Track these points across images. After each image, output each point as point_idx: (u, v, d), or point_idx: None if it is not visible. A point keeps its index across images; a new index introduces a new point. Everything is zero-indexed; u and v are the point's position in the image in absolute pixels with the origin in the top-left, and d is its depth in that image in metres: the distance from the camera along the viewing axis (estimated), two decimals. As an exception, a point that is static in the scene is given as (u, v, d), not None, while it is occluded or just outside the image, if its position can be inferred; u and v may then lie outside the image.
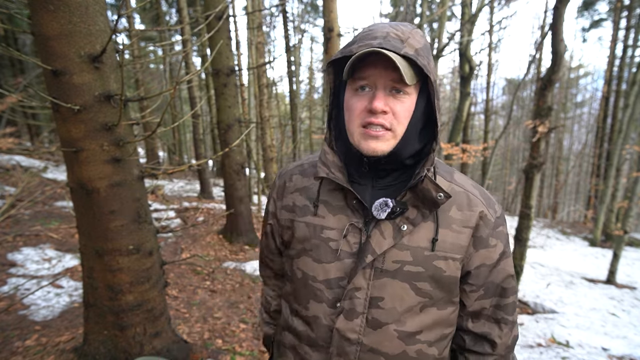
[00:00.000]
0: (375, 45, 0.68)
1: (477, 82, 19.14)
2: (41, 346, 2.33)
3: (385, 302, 0.76)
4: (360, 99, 0.72)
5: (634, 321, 5.00)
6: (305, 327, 0.83)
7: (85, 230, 1.91)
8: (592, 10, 17.11)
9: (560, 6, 4.30)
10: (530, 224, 5.06)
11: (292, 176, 0.91)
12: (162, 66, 11.35)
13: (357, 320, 0.76)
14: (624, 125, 9.02)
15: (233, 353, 2.61)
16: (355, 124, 0.73)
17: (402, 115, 0.72)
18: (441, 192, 0.71)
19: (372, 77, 0.71)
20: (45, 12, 1.52)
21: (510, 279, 0.82)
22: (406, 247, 0.75)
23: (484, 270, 0.79)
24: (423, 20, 8.16)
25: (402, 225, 0.75)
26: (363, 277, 0.76)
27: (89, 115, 1.67)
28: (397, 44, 0.69)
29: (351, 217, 0.79)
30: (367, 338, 0.76)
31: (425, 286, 0.76)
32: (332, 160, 0.79)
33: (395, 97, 0.71)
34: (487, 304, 0.82)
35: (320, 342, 0.80)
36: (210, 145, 16.64)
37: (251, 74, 9.45)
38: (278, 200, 0.93)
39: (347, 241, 0.78)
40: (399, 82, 0.69)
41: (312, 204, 0.84)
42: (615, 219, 11.03)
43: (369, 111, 0.71)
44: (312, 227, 0.82)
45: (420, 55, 0.70)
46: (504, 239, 0.81)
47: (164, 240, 4.99)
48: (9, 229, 4.18)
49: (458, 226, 0.77)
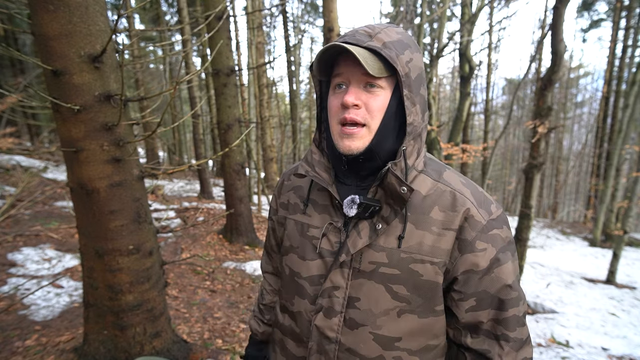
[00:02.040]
0: (339, 41, 0.69)
1: (477, 82, 19.13)
2: (41, 346, 2.33)
3: (361, 302, 0.75)
4: (337, 96, 0.74)
5: (634, 321, 5.00)
6: (291, 322, 0.85)
7: (85, 230, 1.91)
8: (592, 11, 17.12)
9: (560, 6, 4.31)
10: (530, 224, 5.06)
11: (290, 175, 0.94)
12: (162, 66, 11.35)
13: (335, 319, 0.77)
14: (623, 125, 9.02)
15: (233, 353, 2.61)
16: (334, 122, 0.74)
17: (375, 109, 0.71)
18: (404, 186, 0.68)
19: (345, 74, 0.72)
20: (45, 12, 1.52)
21: (507, 289, 0.73)
22: (382, 249, 0.74)
23: (472, 277, 0.73)
24: (423, 20, 8.16)
25: (378, 224, 0.74)
26: (342, 276, 0.76)
27: (89, 115, 1.67)
28: (363, 38, 0.70)
29: (333, 217, 0.80)
30: (344, 337, 0.77)
31: (402, 290, 0.73)
32: (318, 160, 0.81)
33: (368, 92, 0.71)
34: (483, 317, 0.74)
35: (303, 337, 0.82)
36: (210, 145, 16.65)
37: (251, 74, 9.45)
38: (278, 198, 0.97)
39: (329, 240, 0.79)
40: (369, 77, 0.69)
41: (302, 203, 0.86)
42: (615, 219, 11.04)
43: (342, 106, 0.72)
44: (300, 224, 0.85)
45: (387, 48, 0.69)
46: (498, 243, 0.73)
47: (164, 240, 4.99)
48: (9, 229, 4.18)
49: (438, 228, 0.73)
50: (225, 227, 5.48)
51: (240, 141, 5.00)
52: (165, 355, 2.16)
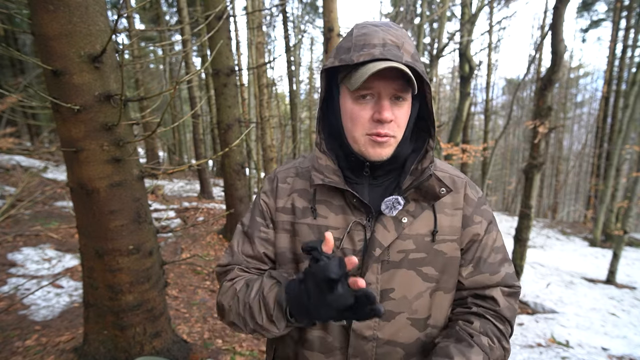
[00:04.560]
0: (377, 55, 0.69)
1: (477, 82, 19.14)
2: (41, 346, 2.33)
3: (396, 292, 0.78)
4: (364, 107, 0.74)
5: (634, 321, 5.00)
6: (320, 333, 0.82)
7: (85, 230, 1.91)
8: (591, 11, 17.13)
9: (560, 6, 4.31)
10: (530, 224, 5.06)
11: (286, 178, 0.89)
12: (162, 66, 11.35)
13: None
14: (623, 125, 9.02)
15: (233, 353, 2.61)
16: (360, 132, 0.75)
17: (404, 122, 0.76)
18: (444, 187, 0.77)
19: (376, 87, 0.72)
20: (45, 12, 1.52)
21: (496, 250, 0.85)
22: (408, 236, 0.79)
23: (473, 247, 0.84)
24: (423, 20, 8.16)
25: (402, 217, 0.79)
26: (372, 272, 0.78)
27: (89, 115, 1.67)
28: (396, 51, 0.70)
29: (353, 215, 0.80)
30: (382, 332, 0.78)
31: (430, 270, 0.79)
32: (325, 164, 0.81)
33: (397, 105, 0.74)
34: (482, 280, 0.84)
35: (336, 344, 0.80)
36: (210, 145, 16.64)
37: (251, 74, 9.44)
38: (275, 203, 0.88)
39: (351, 239, 0.79)
40: (401, 91, 0.72)
41: (311, 207, 0.84)
42: (615, 219, 11.03)
43: (376, 121, 0.73)
44: (316, 227, 0.82)
45: (417, 61, 0.72)
46: (488, 216, 0.86)
47: (164, 240, 4.99)
48: (9, 229, 4.18)
49: (450, 209, 0.82)
50: (225, 227, 5.48)
51: (240, 141, 5.00)
52: (165, 355, 2.16)
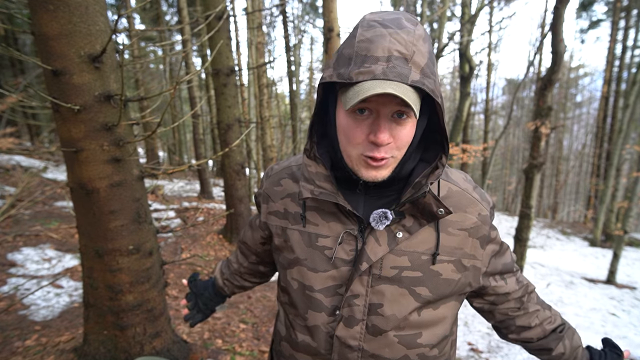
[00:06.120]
0: (378, 74, 0.60)
1: (477, 82, 19.15)
2: (41, 346, 2.33)
3: (384, 309, 0.75)
4: (360, 124, 0.65)
5: (634, 321, 5.00)
6: (305, 337, 0.82)
7: (85, 230, 1.91)
8: (590, 11, 17.14)
9: (560, 6, 4.31)
10: (530, 224, 5.07)
11: (280, 180, 0.87)
12: (162, 66, 11.35)
13: (357, 327, 0.76)
14: (624, 125, 9.02)
15: (233, 353, 2.61)
16: (354, 151, 0.68)
17: (404, 140, 0.67)
18: (442, 208, 0.69)
19: (374, 104, 0.64)
20: (45, 12, 1.52)
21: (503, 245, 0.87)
22: (403, 253, 0.74)
23: (493, 262, 0.84)
24: (423, 20, 8.16)
25: (398, 232, 0.73)
26: (361, 284, 0.74)
27: (89, 115, 1.67)
28: (402, 67, 0.60)
29: (345, 225, 0.76)
30: (368, 344, 0.76)
31: (424, 291, 0.75)
32: (315, 171, 0.75)
33: (397, 123, 0.65)
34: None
35: (321, 350, 0.80)
36: (210, 145, 16.65)
37: (251, 74, 9.45)
38: (267, 206, 0.89)
39: (343, 248, 0.76)
40: (403, 107, 0.63)
41: (302, 213, 0.80)
42: (615, 219, 11.04)
43: (371, 142, 0.65)
44: (307, 235, 0.79)
45: (427, 77, 0.62)
46: (494, 223, 0.84)
47: (164, 240, 4.99)
48: (9, 229, 4.18)
49: (453, 229, 0.76)
50: (225, 227, 5.48)
51: (240, 141, 5.00)
52: (165, 355, 2.16)
